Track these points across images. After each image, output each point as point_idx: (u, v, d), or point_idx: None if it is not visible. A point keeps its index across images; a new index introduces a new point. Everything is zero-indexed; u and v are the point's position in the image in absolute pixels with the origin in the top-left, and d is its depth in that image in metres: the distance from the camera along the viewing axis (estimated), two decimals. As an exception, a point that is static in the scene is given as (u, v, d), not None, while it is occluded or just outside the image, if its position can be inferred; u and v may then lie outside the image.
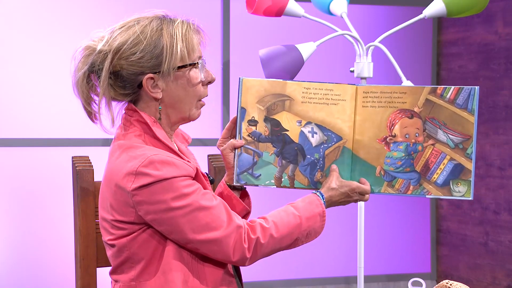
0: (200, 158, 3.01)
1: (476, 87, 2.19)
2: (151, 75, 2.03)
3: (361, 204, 3.51)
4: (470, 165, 2.20)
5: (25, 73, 4.05)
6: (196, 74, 2.08)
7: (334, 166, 2.21)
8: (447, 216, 4.78)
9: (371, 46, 3.48)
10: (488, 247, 4.50)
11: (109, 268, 2.14)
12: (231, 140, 2.20)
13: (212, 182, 2.16)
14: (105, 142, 4.12)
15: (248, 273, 3.93)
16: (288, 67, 3.33)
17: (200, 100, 2.11)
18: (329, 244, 4.57)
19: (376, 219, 4.68)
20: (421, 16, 3.43)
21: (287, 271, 4.53)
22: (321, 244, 4.54)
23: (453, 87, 2.20)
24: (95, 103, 2.08)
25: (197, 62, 2.07)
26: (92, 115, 2.10)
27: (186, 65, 2.05)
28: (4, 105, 4.03)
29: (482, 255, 4.54)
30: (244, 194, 2.25)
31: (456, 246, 4.71)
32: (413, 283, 2.32)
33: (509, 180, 4.37)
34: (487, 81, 4.49)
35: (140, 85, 2.05)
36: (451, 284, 2.04)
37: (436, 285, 2.06)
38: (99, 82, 2.04)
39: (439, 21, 4.80)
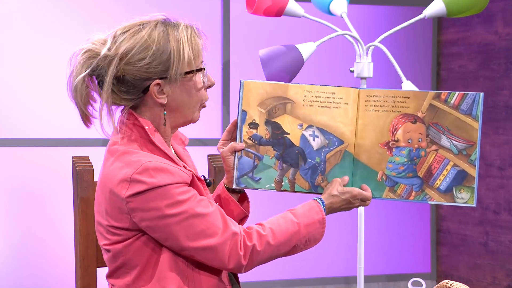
0: (200, 158, 3.01)
1: (481, 93, 2.16)
2: (158, 81, 2.01)
3: (361, 204, 3.51)
4: (474, 172, 2.17)
5: (25, 73, 4.05)
6: (200, 79, 2.06)
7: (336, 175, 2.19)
8: (447, 216, 4.77)
9: (371, 46, 3.48)
10: (488, 247, 4.50)
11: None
12: (232, 143, 2.17)
13: (209, 185, 2.13)
14: (105, 142, 4.12)
15: (247, 273, 3.91)
16: (288, 67, 3.33)
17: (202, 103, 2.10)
18: (329, 244, 4.57)
19: (376, 219, 4.68)
20: (421, 16, 3.43)
21: (287, 271, 4.53)
22: (321, 244, 4.49)
23: (457, 92, 2.17)
24: (91, 106, 2.05)
25: (203, 68, 2.06)
26: (88, 119, 2.06)
27: (193, 70, 2.03)
28: (4, 105, 4.03)
29: (482, 255, 4.54)
30: (243, 198, 2.23)
31: (456, 246, 4.71)
32: (413, 283, 2.32)
33: (509, 180, 4.37)
34: (487, 81, 4.49)
35: (145, 90, 2.02)
36: (451, 284, 2.04)
37: (436, 285, 2.06)
38: (102, 87, 2.00)
39: (439, 21, 4.79)
